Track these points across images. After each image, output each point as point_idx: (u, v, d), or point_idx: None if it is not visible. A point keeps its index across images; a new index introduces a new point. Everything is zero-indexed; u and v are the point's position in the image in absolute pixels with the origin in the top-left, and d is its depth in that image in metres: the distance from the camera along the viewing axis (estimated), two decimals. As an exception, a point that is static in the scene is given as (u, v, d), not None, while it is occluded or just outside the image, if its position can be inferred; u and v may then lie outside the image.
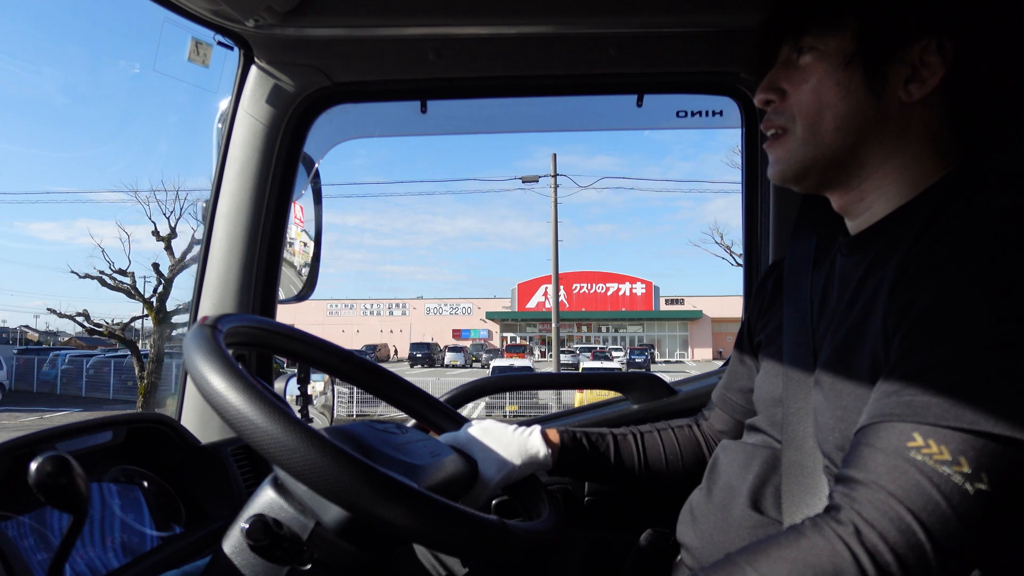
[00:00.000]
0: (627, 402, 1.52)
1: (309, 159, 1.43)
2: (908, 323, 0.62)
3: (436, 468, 0.78)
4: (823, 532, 0.57)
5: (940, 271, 0.62)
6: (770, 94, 0.82)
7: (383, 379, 0.99)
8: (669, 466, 1.06)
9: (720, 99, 1.48)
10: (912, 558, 0.54)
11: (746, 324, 1.04)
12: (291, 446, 0.58)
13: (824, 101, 0.77)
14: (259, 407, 0.59)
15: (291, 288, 1.46)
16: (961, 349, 0.58)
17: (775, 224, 1.42)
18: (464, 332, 44.54)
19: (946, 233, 0.64)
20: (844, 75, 0.76)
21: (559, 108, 1.60)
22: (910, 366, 0.60)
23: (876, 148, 0.76)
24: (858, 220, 0.81)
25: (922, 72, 0.73)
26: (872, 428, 0.60)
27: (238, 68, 1.32)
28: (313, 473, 0.57)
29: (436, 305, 46.65)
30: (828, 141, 0.77)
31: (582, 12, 1.27)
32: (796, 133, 0.79)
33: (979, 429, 0.55)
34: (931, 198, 0.73)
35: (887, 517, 0.55)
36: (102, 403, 18.80)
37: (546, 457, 0.96)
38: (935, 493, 0.55)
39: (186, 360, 0.66)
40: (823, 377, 0.75)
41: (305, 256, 1.48)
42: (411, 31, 1.30)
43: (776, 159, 0.82)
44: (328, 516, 0.66)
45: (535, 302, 40.15)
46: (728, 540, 0.84)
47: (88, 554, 0.88)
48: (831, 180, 0.81)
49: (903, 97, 0.74)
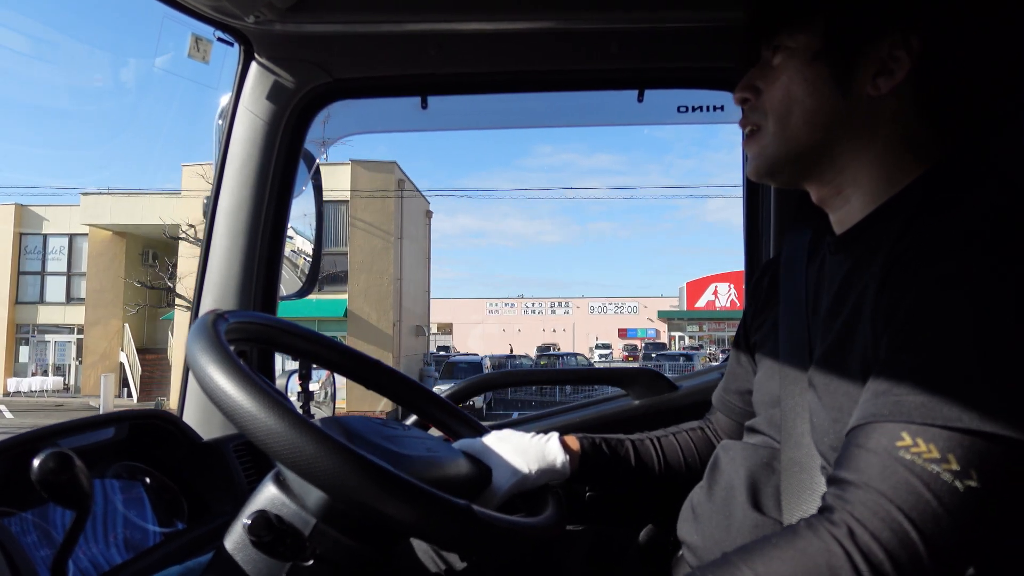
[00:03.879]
0: (628, 398, 1.52)
1: (310, 155, 1.43)
2: (895, 324, 0.63)
3: (427, 463, 0.77)
4: (818, 533, 0.57)
5: (923, 272, 0.62)
6: (746, 92, 0.84)
7: (390, 378, 0.99)
8: (689, 470, 1.05)
9: (721, 94, 1.48)
10: (905, 557, 0.54)
11: (743, 324, 1.04)
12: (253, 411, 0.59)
13: (793, 97, 0.78)
14: (254, 397, 0.59)
15: (293, 284, 1.47)
16: (946, 348, 0.58)
17: (776, 221, 1.42)
18: (631, 331, 43.79)
19: (927, 233, 0.65)
20: (811, 71, 0.77)
21: (560, 104, 1.60)
22: (897, 366, 0.61)
23: (847, 142, 0.78)
24: (839, 214, 0.82)
25: (890, 65, 0.74)
26: (862, 429, 0.61)
27: (238, 64, 1.32)
28: (275, 441, 0.58)
29: (600, 304, 45.90)
30: (797, 136, 0.79)
31: (583, 7, 1.27)
32: (768, 129, 0.81)
33: (966, 427, 0.55)
34: (911, 196, 0.73)
35: (879, 517, 0.55)
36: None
37: (564, 465, 0.94)
38: (925, 492, 0.55)
39: (187, 353, 0.67)
40: (816, 379, 0.75)
41: (306, 252, 1.48)
42: (412, 27, 1.30)
43: (752, 156, 0.84)
44: (311, 501, 0.66)
45: (704, 301, 38.64)
46: (729, 539, 0.84)
47: (91, 550, 0.88)
48: (805, 174, 0.82)
49: (871, 91, 0.75)
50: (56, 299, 22.59)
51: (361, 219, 18.92)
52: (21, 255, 22.38)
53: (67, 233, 22.24)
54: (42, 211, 22.46)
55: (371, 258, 18.86)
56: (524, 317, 45.37)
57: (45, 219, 22.38)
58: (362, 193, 18.81)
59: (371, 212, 19.05)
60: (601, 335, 42.43)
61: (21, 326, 22.72)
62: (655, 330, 43.29)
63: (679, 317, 40.00)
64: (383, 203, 19.15)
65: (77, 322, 22.06)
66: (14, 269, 22.16)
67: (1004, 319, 0.57)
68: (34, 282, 22.66)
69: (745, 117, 0.85)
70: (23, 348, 22.79)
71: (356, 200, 18.82)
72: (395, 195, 19.29)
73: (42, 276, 22.56)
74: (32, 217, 22.44)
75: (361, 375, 0.97)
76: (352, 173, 18.85)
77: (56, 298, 22.59)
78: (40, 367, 22.85)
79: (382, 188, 19.09)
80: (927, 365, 0.59)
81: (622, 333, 43.67)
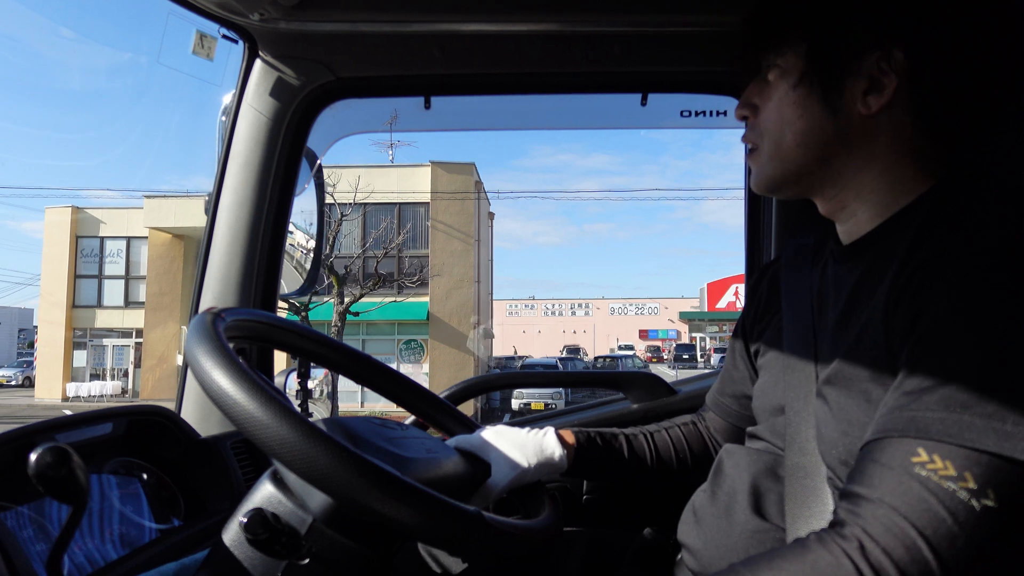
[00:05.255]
0: (627, 401, 1.52)
1: (312, 153, 1.43)
2: (912, 339, 0.62)
3: (429, 464, 0.77)
4: (828, 547, 0.57)
5: (939, 287, 0.62)
6: (744, 111, 0.84)
7: (388, 377, 0.98)
8: (679, 463, 1.05)
9: (724, 99, 1.48)
10: (917, 574, 0.53)
11: (741, 327, 1.03)
12: (266, 421, 0.58)
13: (784, 119, 0.79)
14: (251, 393, 0.59)
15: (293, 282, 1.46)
16: (964, 364, 0.58)
17: (777, 224, 1.42)
18: (652, 332, 43.52)
19: (940, 247, 0.64)
20: (799, 93, 0.77)
21: (563, 106, 1.60)
22: (915, 383, 0.60)
23: (845, 160, 0.77)
24: (846, 225, 0.81)
25: (881, 81, 0.73)
26: (877, 444, 0.60)
27: (242, 62, 1.32)
28: (287, 450, 0.58)
29: (620, 305, 45.65)
30: (792, 157, 0.79)
31: (587, 10, 1.26)
32: (764, 149, 0.82)
33: (983, 448, 0.54)
34: (919, 209, 0.73)
35: (891, 533, 0.55)
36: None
37: (561, 458, 0.95)
38: (940, 509, 0.54)
39: (186, 350, 0.67)
40: (827, 390, 0.74)
41: (307, 250, 1.48)
42: (416, 27, 1.30)
43: (753, 173, 0.85)
44: (314, 503, 0.66)
45: (725, 302, 38.27)
46: (730, 544, 0.84)
47: (87, 545, 0.88)
48: (807, 190, 0.83)
49: (862, 109, 0.74)
50: (114, 303, 22.15)
51: (441, 221, 18.63)
52: (77, 258, 21.98)
53: (125, 236, 21.75)
54: (99, 214, 21.98)
55: (452, 260, 18.50)
56: (544, 319, 45.12)
57: (102, 222, 21.89)
58: (443, 195, 18.58)
59: (451, 214, 18.70)
60: (622, 336, 42.26)
61: (77, 330, 22.24)
62: (676, 331, 43.07)
63: (700, 318, 39.85)
64: (462, 205, 18.86)
65: (135, 326, 21.56)
66: (71, 273, 21.69)
67: (1021, 336, 0.57)
68: (90, 285, 22.15)
69: (745, 135, 0.86)
70: (78, 352, 22.29)
71: (436, 202, 18.58)
72: (472, 197, 18.99)
73: (99, 279, 22.07)
74: (88, 220, 21.95)
75: (360, 374, 0.96)
76: (432, 175, 18.61)
77: (114, 302, 22.15)
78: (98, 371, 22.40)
79: (461, 190, 18.83)
80: (945, 382, 0.58)
81: (643, 334, 43.43)
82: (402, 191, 18.40)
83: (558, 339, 42.54)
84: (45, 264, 21.87)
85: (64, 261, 21.55)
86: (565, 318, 45.46)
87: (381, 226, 17.31)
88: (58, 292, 21.55)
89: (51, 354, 21.82)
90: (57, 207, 21.88)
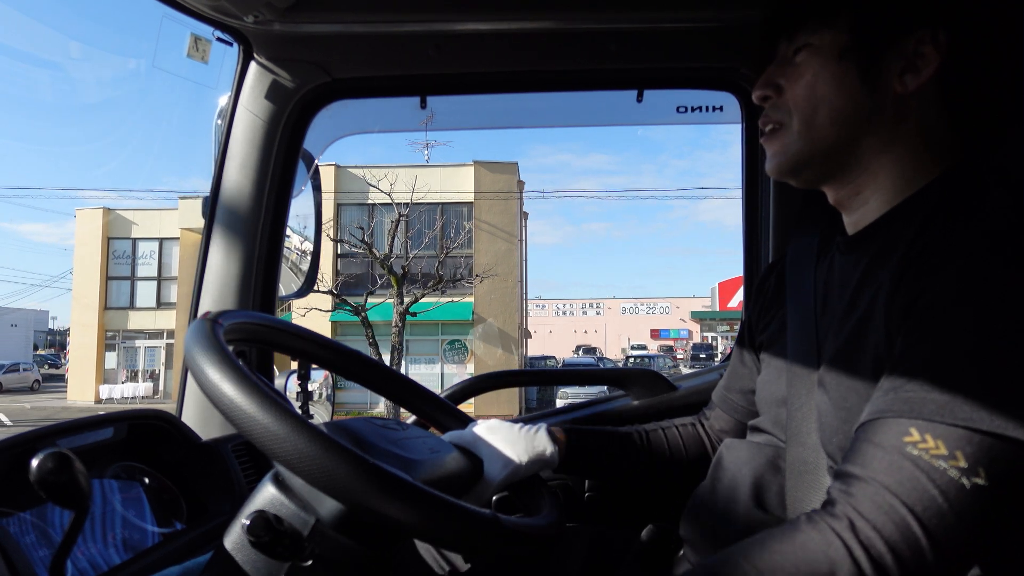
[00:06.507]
0: (627, 398, 1.52)
1: (308, 155, 1.43)
2: (909, 322, 0.63)
3: (434, 464, 0.78)
4: (818, 526, 0.57)
5: (938, 272, 0.62)
6: (767, 90, 0.83)
7: (387, 377, 0.99)
8: (673, 464, 1.06)
9: (720, 94, 1.47)
10: (907, 552, 0.54)
11: (746, 324, 1.04)
12: (282, 435, 0.58)
13: (819, 95, 0.77)
14: (253, 397, 0.59)
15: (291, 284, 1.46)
16: (959, 347, 0.58)
17: (775, 221, 1.42)
18: (663, 332, 43.26)
19: (944, 235, 0.65)
20: (838, 69, 0.76)
21: (559, 104, 1.60)
22: (909, 364, 0.61)
23: (872, 140, 0.77)
24: (855, 216, 0.81)
25: (917, 63, 0.73)
26: (871, 424, 0.61)
27: (237, 64, 1.32)
28: (305, 463, 0.58)
29: (632, 304, 45.38)
30: (824, 135, 0.78)
31: (582, 7, 1.26)
32: (792, 127, 0.80)
33: (975, 427, 0.55)
34: (928, 197, 0.73)
35: (882, 511, 0.55)
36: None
37: (553, 455, 0.95)
38: (931, 487, 0.55)
39: (186, 354, 0.66)
40: (827, 379, 0.75)
41: (305, 252, 1.48)
42: (411, 27, 1.29)
43: (773, 153, 0.83)
44: (324, 509, 0.66)
45: (737, 301, 37.44)
46: (732, 537, 0.84)
47: (89, 550, 0.88)
48: (828, 173, 0.81)
49: (898, 88, 0.74)
50: (147, 304, 21.86)
51: (485, 221, 18.43)
52: (109, 260, 21.53)
53: (157, 237, 21.52)
54: (131, 215, 21.72)
55: (496, 261, 18.13)
56: (555, 319, 44.91)
57: (134, 223, 21.62)
58: (486, 195, 18.39)
59: (494, 214, 18.49)
60: (633, 336, 42.08)
61: (109, 332, 21.98)
62: (688, 330, 42.88)
63: (711, 317, 39.65)
64: (506, 204, 18.64)
65: (167, 327, 21.36)
66: (103, 274, 21.54)
67: (1017, 321, 0.57)
68: (121, 287, 21.87)
69: (766, 115, 0.84)
70: (109, 354, 22.01)
71: (480, 202, 18.39)
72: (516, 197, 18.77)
73: (132, 281, 21.79)
74: (120, 222, 21.69)
75: (360, 375, 0.96)
76: (475, 174, 18.44)
77: (147, 303, 21.86)
78: (129, 373, 22.20)
79: (505, 189, 18.62)
80: (939, 363, 0.59)
81: (655, 334, 43.25)
82: (444, 191, 18.19)
83: (570, 339, 42.43)
84: (76, 266, 21.67)
85: (96, 263, 21.35)
86: (576, 318, 45.32)
87: (437, 226, 17.15)
88: (90, 294, 21.37)
89: (84, 357, 21.64)
90: (87, 209, 21.69)
